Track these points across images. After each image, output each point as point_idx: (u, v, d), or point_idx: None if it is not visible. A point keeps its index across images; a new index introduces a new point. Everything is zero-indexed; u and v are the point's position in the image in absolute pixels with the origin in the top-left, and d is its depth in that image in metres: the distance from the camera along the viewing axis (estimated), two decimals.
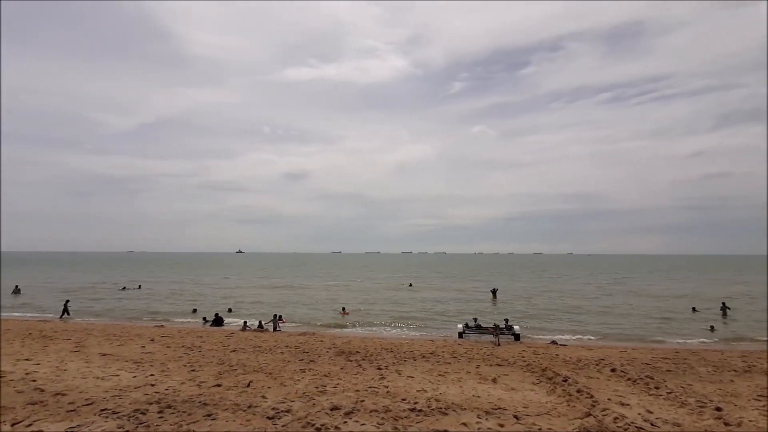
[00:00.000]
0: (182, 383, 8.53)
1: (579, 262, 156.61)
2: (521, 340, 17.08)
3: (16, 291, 36.25)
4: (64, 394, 7.34)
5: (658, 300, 34.50)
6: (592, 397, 8.30)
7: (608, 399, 8.27)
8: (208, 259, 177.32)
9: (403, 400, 7.80)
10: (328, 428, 6.19)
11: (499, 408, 7.45)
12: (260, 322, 21.22)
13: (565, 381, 9.55)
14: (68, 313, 25.06)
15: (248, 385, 8.48)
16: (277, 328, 20.32)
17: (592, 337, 19.50)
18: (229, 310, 26.84)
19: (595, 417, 7.09)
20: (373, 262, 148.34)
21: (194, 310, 26.89)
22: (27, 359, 10.40)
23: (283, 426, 6.20)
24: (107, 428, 5.83)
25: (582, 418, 7.03)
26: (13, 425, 5.78)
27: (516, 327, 17.54)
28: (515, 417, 6.99)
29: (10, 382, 8.10)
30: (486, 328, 17.64)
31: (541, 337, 19.21)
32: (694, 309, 27.69)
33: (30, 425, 5.81)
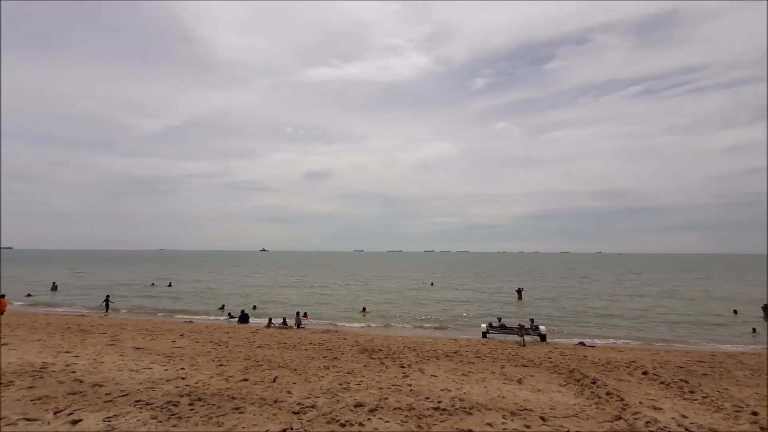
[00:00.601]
0: (211, 377, 8.77)
1: (608, 262, 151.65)
2: (547, 340, 16.70)
3: (54, 287, 38.17)
4: (101, 385, 7.68)
5: (695, 302, 33.05)
6: (622, 400, 8.03)
7: (640, 402, 7.98)
8: (234, 257, 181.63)
9: (427, 398, 7.77)
10: (353, 425, 6.23)
11: (525, 409, 7.32)
12: (284, 319, 21.61)
13: (594, 383, 9.28)
14: (108, 308, 26.28)
15: (274, 381, 8.64)
16: (301, 326, 20.63)
17: (622, 339, 18.87)
18: (254, 308, 27.46)
19: (626, 421, 6.86)
20: (395, 261, 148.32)
21: (222, 307, 27.63)
22: (67, 351, 10.94)
23: (308, 421, 6.28)
24: (142, 418, 6.06)
25: (612, 422, 6.81)
26: (55, 413, 6.10)
27: (542, 327, 17.15)
28: (542, 418, 6.84)
29: (51, 372, 8.55)
30: (511, 328, 17.34)
31: (568, 338, 18.75)
32: (735, 311, 26.38)
33: (71, 414, 6.12)
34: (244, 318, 22.24)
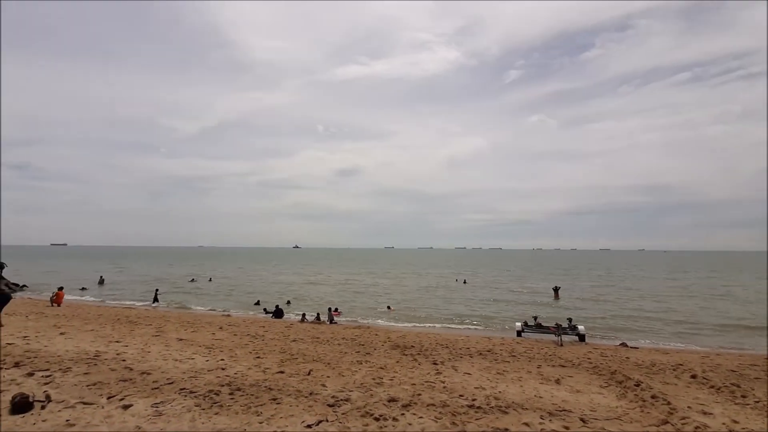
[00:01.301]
0: (249, 368, 9.07)
1: (653, 260, 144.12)
2: (586, 341, 16.11)
3: (101, 281, 40.71)
4: (149, 373, 8.12)
5: (749, 303, 30.82)
6: (669, 404, 7.62)
7: (688, 407, 7.54)
8: (267, 254, 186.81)
9: (461, 396, 7.68)
10: (386, 419, 6.25)
11: (564, 410, 7.08)
12: (318, 314, 22.02)
13: (638, 386, 8.85)
14: (157, 301, 27.85)
15: (308, 374, 8.82)
16: (333, 321, 20.94)
17: (668, 341, 17.91)
18: (288, 303, 28.14)
19: (673, 425, 6.50)
20: (426, 258, 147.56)
21: (257, 302, 28.52)
22: (117, 341, 11.63)
23: (343, 414, 6.37)
24: (186, 405, 6.35)
25: (658, 426, 6.48)
26: (108, 398, 6.50)
27: (580, 327, 16.55)
28: (582, 420, 6.60)
29: (104, 360, 9.11)
30: (547, 327, 16.85)
31: (608, 339, 18.00)
32: None
33: (122, 399, 6.50)
34: (278, 313, 22.85)
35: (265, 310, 24.89)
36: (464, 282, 46.04)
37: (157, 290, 29.62)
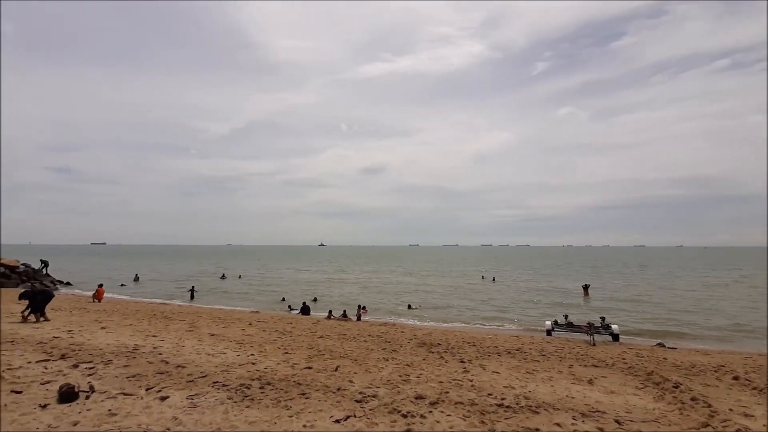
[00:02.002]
0: (278, 364, 9.26)
1: (692, 256, 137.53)
2: (620, 340, 15.56)
3: (136, 279, 42.47)
4: (183, 367, 8.42)
5: None
6: (710, 406, 7.26)
7: (729, 409, 7.16)
8: (294, 252, 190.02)
9: (489, 395, 7.58)
10: (414, 416, 6.24)
11: (597, 411, 6.87)
12: (344, 311, 22.23)
13: (677, 387, 8.47)
14: (193, 298, 28.96)
15: (336, 370, 8.92)
16: (361, 318, 21.09)
17: (708, 342, 17.05)
18: (314, 300, 28.54)
19: (713, 428, 6.19)
20: (451, 255, 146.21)
21: (282, 299, 29.08)
22: (153, 336, 12.12)
23: (370, 410, 6.40)
24: (219, 398, 6.56)
25: (698, 429, 6.18)
26: (147, 390, 6.79)
27: (614, 326, 15.98)
28: (617, 422, 6.38)
29: (142, 354, 9.52)
30: (579, 326, 16.37)
31: (644, 338, 17.32)
32: None
33: (159, 391, 6.78)
34: (305, 309, 23.22)
35: (289, 307, 25.34)
36: (492, 280, 45.17)
37: (193, 287, 30.90)
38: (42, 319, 13.62)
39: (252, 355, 10.12)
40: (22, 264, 32.99)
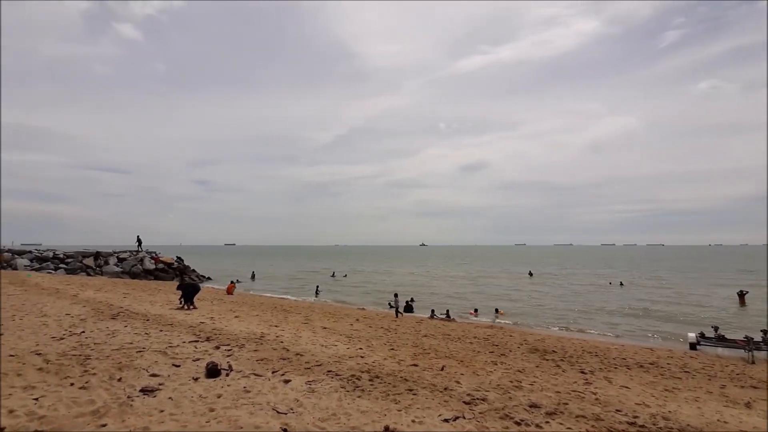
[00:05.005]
0: (384, 359, 9.51)
1: None
2: None
3: (253, 276, 47.60)
4: (301, 355, 9.19)
5: None
6: None
7: None
8: (396, 252, 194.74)
9: (618, 411, 6.68)
10: (529, 425, 5.81)
11: None
12: (447, 311, 21.96)
13: None
14: (317, 295, 31.87)
15: (442, 369, 8.80)
16: (469, 319, 20.60)
17: None
18: (411, 300, 28.74)
19: None
20: (565, 255, 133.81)
21: (394, 297, 29.89)
22: (276, 326, 13.50)
23: (480, 413, 6.15)
24: (333, 386, 6.98)
25: None
26: (272, 373, 7.57)
27: None
28: None
29: (267, 341, 10.66)
30: (733, 341, 13.59)
31: None
32: None
33: (283, 374, 7.49)
34: (408, 308, 23.54)
35: (389, 305, 25.87)
36: (620, 284, 39.62)
37: (318, 286, 34.24)
38: (191, 307, 16.21)
39: (360, 348, 10.58)
40: (176, 261, 39.81)
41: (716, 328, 14.73)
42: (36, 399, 5.57)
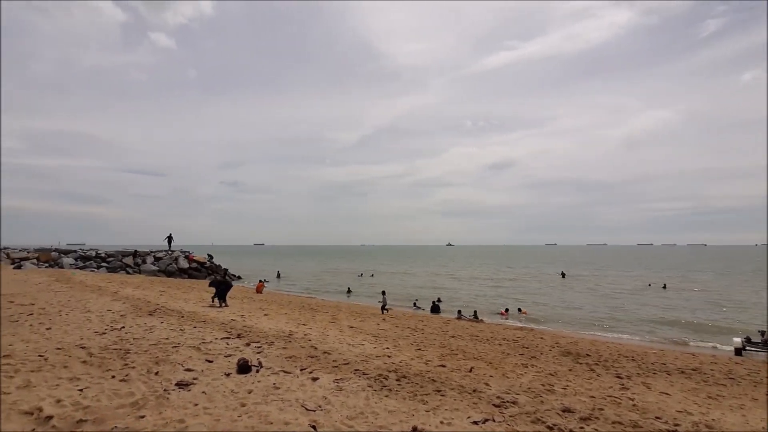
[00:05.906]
0: (412, 359, 9.45)
1: None
2: None
3: (278, 275, 48.43)
4: (329, 353, 9.27)
5: None
6: None
7: None
8: (422, 251, 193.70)
9: (658, 418, 6.37)
10: (562, 430, 5.62)
11: None
12: (475, 312, 21.64)
13: None
14: (350, 293, 32.36)
15: (470, 371, 8.66)
16: (499, 320, 20.25)
17: None
18: (438, 300, 28.48)
19: None
20: (598, 256, 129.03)
21: (416, 302, 29.79)
22: (304, 324, 13.69)
23: (510, 416, 6.00)
24: (361, 385, 7.00)
25: None
26: (301, 370, 7.67)
27: None
28: None
29: (295, 339, 10.82)
30: None
31: None
32: None
33: (311, 372, 7.58)
34: (435, 308, 23.37)
35: (414, 304, 25.76)
36: (663, 287, 37.51)
37: (349, 288, 34.77)
38: (223, 304, 16.69)
39: (387, 348, 10.57)
40: (208, 260, 41.13)
41: (763, 333, 13.84)
42: (80, 390, 5.88)
